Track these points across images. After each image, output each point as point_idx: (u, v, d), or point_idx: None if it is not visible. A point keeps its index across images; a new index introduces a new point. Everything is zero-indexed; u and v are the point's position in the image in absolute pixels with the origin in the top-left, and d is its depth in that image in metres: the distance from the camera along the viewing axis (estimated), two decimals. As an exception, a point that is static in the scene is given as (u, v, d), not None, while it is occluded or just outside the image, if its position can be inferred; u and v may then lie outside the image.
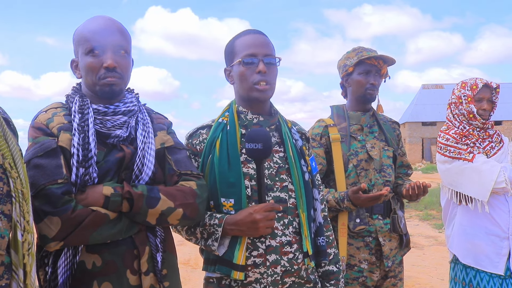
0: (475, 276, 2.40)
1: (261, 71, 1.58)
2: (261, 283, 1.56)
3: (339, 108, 2.43)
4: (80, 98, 1.45)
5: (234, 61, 1.65)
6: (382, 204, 2.29)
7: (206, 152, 1.62)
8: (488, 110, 2.45)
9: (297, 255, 1.60)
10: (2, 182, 1.06)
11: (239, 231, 1.52)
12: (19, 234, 1.07)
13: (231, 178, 1.56)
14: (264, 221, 1.51)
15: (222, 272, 1.55)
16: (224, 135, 1.62)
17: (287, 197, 1.62)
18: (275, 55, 1.64)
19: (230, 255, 1.53)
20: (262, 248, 1.56)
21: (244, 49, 1.62)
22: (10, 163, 1.08)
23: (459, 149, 2.41)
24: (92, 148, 1.36)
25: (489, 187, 2.30)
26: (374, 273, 2.26)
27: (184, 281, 4.82)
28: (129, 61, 1.50)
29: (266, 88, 1.60)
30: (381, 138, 2.38)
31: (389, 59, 2.32)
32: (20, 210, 1.08)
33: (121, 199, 1.34)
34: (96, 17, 1.51)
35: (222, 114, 1.70)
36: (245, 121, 1.66)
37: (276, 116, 1.71)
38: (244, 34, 1.67)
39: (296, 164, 1.64)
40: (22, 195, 1.09)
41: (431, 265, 5.64)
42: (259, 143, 1.49)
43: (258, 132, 1.52)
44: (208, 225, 1.56)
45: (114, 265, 1.35)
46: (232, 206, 1.56)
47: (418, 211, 10.32)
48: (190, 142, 1.69)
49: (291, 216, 1.61)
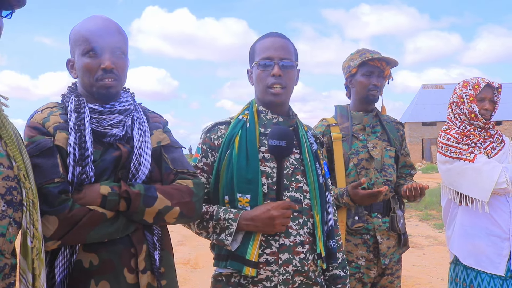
0: (476, 277, 2.39)
1: (275, 74, 1.62)
2: (272, 281, 1.57)
3: (342, 108, 2.47)
4: (76, 98, 1.45)
5: (253, 63, 1.69)
6: (381, 203, 2.32)
7: (224, 148, 1.64)
8: (490, 110, 2.44)
9: (308, 256, 1.61)
10: (16, 191, 1.13)
11: (254, 226, 1.53)
12: (29, 241, 1.13)
13: (248, 175, 1.57)
14: (281, 218, 1.52)
15: (233, 267, 1.55)
16: (243, 132, 1.64)
17: (302, 197, 1.64)
18: (293, 59, 1.67)
19: (243, 251, 1.54)
20: (276, 246, 1.57)
21: (262, 52, 1.66)
22: (24, 174, 1.15)
23: (460, 149, 2.40)
24: (89, 147, 1.35)
25: (490, 188, 2.29)
26: (371, 270, 2.30)
27: (184, 281, 4.81)
28: (126, 62, 1.50)
29: (279, 91, 1.63)
30: (384, 138, 2.42)
31: (391, 60, 2.36)
32: (30, 218, 1.14)
33: (119, 198, 1.33)
34: (93, 17, 1.50)
35: (242, 112, 1.74)
36: (264, 120, 1.70)
37: (294, 119, 1.74)
38: (265, 37, 1.71)
39: (311, 166, 1.67)
40: (33, 204, 1.16)
41: (431, 265, 5.64)
42: (283, 140, 1.53)
43: (283, 130, 1.56)
44: (222, 219, 1.56)
45: (111, 264, 1.35)
46: (248, 202, 1.57)
47: (418, 211, 10.32)
48: (208, 136, 1.71)
49: (305, 217, 1.63)
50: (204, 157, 1.70)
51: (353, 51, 2.46)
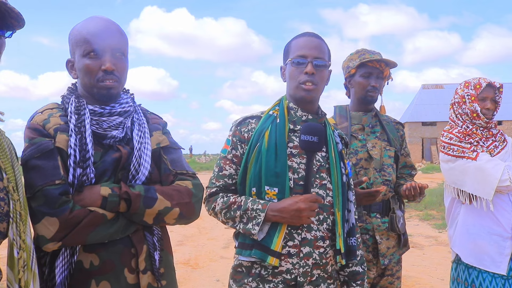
0: (478, 276, 2.38)
1: (308, 72, 1.66)
2: (292, 273, 1.62)
3: (341, 108, 2.47)
4: (76, 99, 1.45)
5: (287, 60, 1.73)
6: (380, 203, 2.32)
7: (254, 141, 1.69)
8: (492, 109, 2.44)
9: (327, 250, 1.67)
10: (4, 202, 1.16)
11: (281, 218, 1.58)
12: (16, 252, 1.16)
13: (277, 168, 1.62)
14: (308, 211, 1.58)
15: (258, 256, 1.60)
16: (273, 127, 1.69)
17: (325, 194, 1.68)
18: (326, 59, 1.71)
19: (268, 241, 1.59)
20: (298, 239, 1.63)
21: (297, 50, 1.70)
22: (13, 186, 1.19)
23: (462, 147, 2.40)
24: (90, 148, 1.36)
25: (493, 185, 2.28)
26: (371, 271, 2.30)
27: (184, 281, 4.81)
28: (126, 63, 1.50)
29: (311, 88, 1.67)
30: (383, 138, 2.42)
31: (390, 62, 2.36)
32: (17, 230, 1.17)
33: (119, 199, 1.34)
34: (93, 18, 1.50)
35: (273, 107, 1.78)
36: (294, 117, 1.74)
37: (323, 117, 1.78)
38: (300, 36, 1.75)
39: (336, 165, 1.71)
40: (20, 216, 1.18)
41: (431, 265, 5.63)
42: (315, 136, 1.60)
43: (315, 126, 1.63)
44: (250, 209, 1.61)
45: (111, 264, 1.36)
46: (276, 195, 1.62)
47: (418, 211, 10.31)
48: (238, 129, 1.75)
49: (326, 213, 1.68)
50: (233, 149, 1.74)
51: (353, 51, 2.46)
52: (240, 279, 1.67)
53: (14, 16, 1.18)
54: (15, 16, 1.18)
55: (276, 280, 1.62)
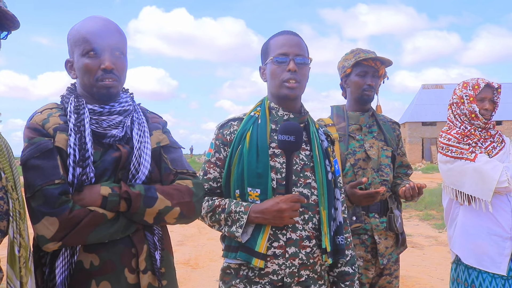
0: (478, 277, 2.38)
1: (291, 69, 1.66)
2: (279, 274, 1.62)
3: (339, 108, 2.46)
4: (75, 99, 1.45)
5: (268, 60, 1.73)
6: (378, 203, 2.32)
7: (236, 143, 1.69)
8: (490, 110, 2.45)
9: (314, 250, 1.66)
10: (3, 201, 1.17)
11: (263, 219, 1.58)
12: (16, 250, 1.17)
13: (259, 169, 1.62)
14: (290, 211, 1.56)
15: (243, 258, 1.60)
16: (254, 128, 1.69)
17: (309, 193, 1.68)
18: (307, 56, 1.72)
19: (253, 243, 1.59)
20: (283, 240, 1.62)
21: (277, 48, 1.70)
22: (12, 185, 1.20)
23: (461, 148, 2.40)
24: (89, 148, 1.35)
25: (492, 187, 2.29)
26: (369, 271, 2.30)
27: (184, 281, 4.81)
28: (126, 63, 1.50)
29: (294, 86, 1.67)
30: (380, 138, 2.42)
31: (386, 60, 2.35)
32: (17, 228, 1.18)
33: (119, 199, 1.33)
34: (92, 17, 1.50)
35: (254, 108, 1.78)
36: (276, 117, 1.74)
37: (306, 116, 1.77)
38: (278, 35, 1.75)
39: (320, 163, 1.70)
40: (19, 215, 1.20)
41: (431, 265, 5.63)
42: (292, 135, 1.56)
43: (292, 125, 1.60)
44: (233, 212, 1.61)
45: (112, 264, 1.35)
46: (258, 196, 1.62)
47: (418, 211, 10.31)
48: (221, 132, 1.76)
49: (311, 212, 1.67)
50: (217, 152, 1.75)
51: (348, 51, 2.46)
52: (229, 281, 1.68)
53: (8, 17, 1.18)
54: (9, 18, 1.19)
55: (263, 282, 1.62)
